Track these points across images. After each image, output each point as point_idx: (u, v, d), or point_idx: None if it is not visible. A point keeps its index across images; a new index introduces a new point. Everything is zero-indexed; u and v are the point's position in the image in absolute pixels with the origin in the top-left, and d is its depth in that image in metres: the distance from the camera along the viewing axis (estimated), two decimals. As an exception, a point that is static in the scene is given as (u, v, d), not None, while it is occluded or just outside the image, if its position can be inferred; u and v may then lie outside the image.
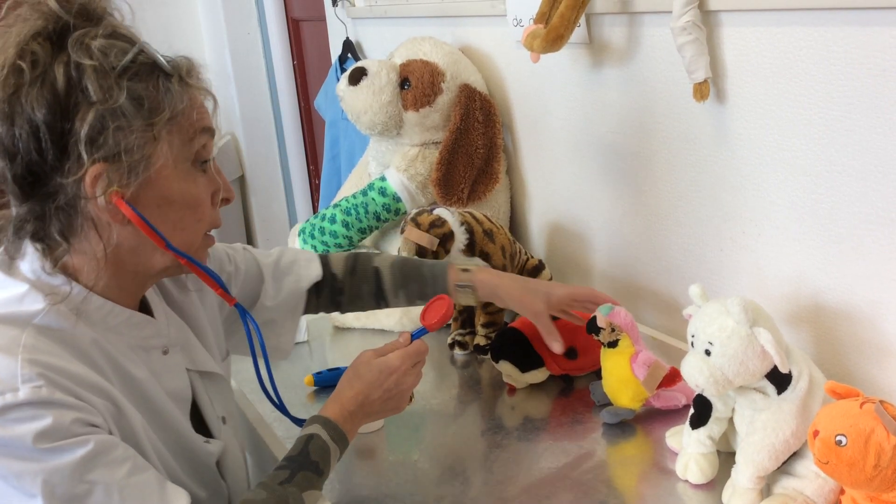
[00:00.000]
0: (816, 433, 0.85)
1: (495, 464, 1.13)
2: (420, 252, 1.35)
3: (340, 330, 1.64)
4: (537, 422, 1.24)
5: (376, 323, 1.60)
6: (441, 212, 1.39)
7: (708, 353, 0.96)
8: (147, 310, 0.95)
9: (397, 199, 1.69)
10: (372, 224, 1.71)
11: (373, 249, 1.78)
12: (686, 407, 1.13)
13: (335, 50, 2.46)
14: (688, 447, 1.05)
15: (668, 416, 1.19)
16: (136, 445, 0.85)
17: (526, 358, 1.31)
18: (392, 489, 1.09)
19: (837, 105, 1.07)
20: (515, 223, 1.84)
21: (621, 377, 1.17)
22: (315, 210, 3.32)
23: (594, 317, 1.17)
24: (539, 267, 1.56)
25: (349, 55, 2.31)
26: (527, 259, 1.55)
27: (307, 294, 1.23)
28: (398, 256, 1.29)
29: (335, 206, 1.73)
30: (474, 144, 1.65)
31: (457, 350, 1.49)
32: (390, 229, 1.76)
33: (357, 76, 1.68)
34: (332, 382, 1.27)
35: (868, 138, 1.05)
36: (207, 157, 0.89)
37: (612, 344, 1.17)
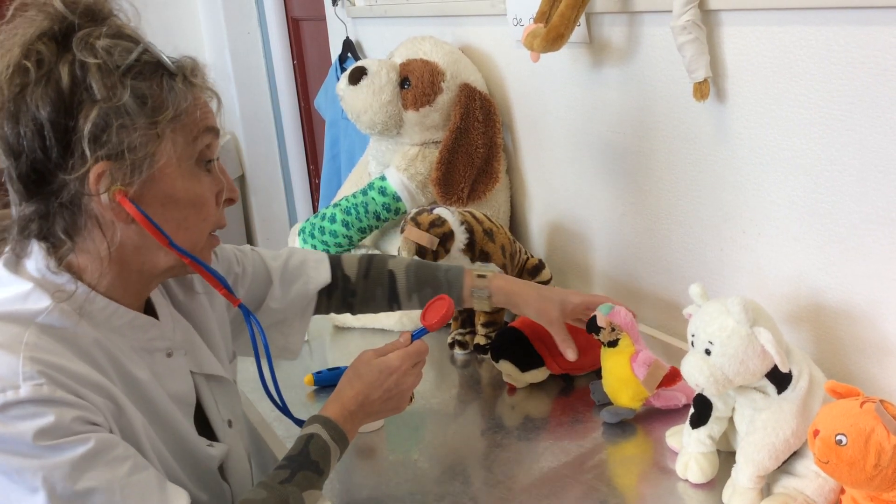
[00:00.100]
0: (817, 432, 0.85)
1: (495, 463, 1.13)
2: (420, 251, 1.35)
3: (340, 329, 1.64)
4: (537, 421, 1.24)
5: (376, 322, 1.60)
6: (441, 211, 1.40)
7: (708, 353, 0.96)
8: (152, 312, 0.95)
9: (397, 199, 1.69)
10: (372, 223, 1.71)
11: (373, 249, 1.78)
12: (686, 406, 1.13)
13: (335, 49, 2.45)
14: (688, 446, 1.06)
15: (669, 416, 1.20)
16: (137, 445, 0.85)
17: (526, 357, 1.31)
18: (392, 489, 1.09)
19: (837, 105, 1.07)
20: (515, 222, 1.84)
21: (621, 376, 1.17)
22: (315, 210, 3.32)
23: (594, 316, 1.17)
24: (539, 266, 1.56)
25: (349, 55, 2.31)
26: (527, 258, 1.55)
27: (317, 296, 1.23)
28: (414, 260, 1.30)
29: (335, 206, 1.73)
30: (474, 144, 1.65)
31: (457, 349, 1.49)
32: (390, 229, 1.76)
33: (357, 76, 1.68)
34: (333, 382, 1.28)
35: (868, 138, 1.04)
36: (212, 157, 0.89)
37: (613, 343, 1.17)
